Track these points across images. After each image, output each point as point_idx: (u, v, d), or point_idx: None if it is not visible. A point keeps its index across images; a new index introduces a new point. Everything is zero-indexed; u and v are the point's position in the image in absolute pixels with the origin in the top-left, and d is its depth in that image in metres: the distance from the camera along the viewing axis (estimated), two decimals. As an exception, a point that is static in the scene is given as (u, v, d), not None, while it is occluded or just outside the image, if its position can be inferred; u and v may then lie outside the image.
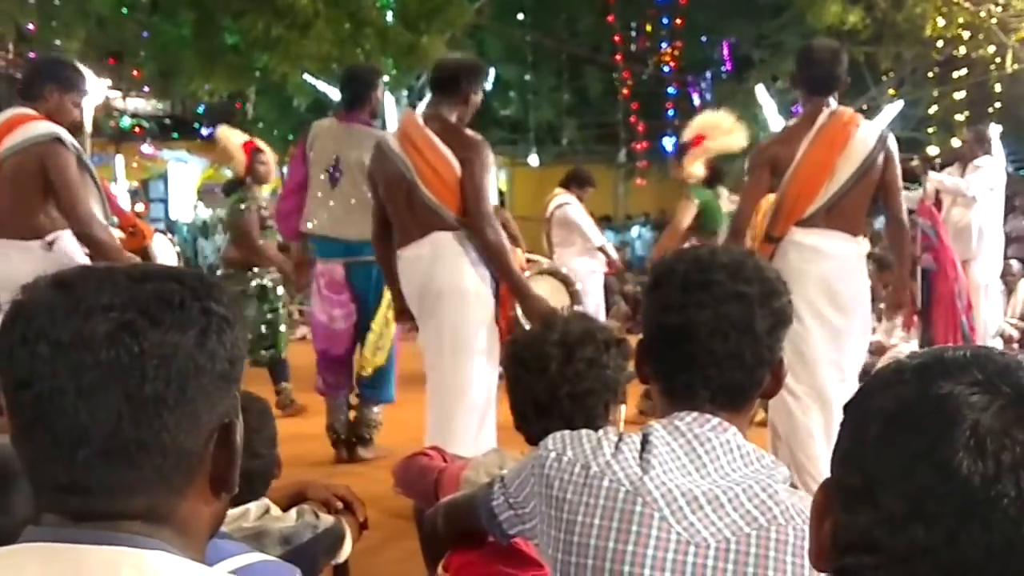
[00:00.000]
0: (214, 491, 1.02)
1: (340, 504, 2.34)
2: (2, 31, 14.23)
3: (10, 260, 3.80)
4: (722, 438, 1.51)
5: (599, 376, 2.11)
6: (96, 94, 11.94)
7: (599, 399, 2.11)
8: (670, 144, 14.85)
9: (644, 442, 1.51)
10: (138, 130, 18.86)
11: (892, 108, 14.62)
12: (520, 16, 16.75)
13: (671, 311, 1.57)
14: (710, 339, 1.54)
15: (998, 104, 13.02)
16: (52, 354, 0.93)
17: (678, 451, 1.50)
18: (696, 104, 16.22)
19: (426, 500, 2.27)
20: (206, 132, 19.34)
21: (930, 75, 14.53)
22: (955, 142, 12.52)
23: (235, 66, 13.06)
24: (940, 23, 12.26)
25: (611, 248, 8.25)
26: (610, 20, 16.57)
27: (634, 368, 1.70)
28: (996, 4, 11.98)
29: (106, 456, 0.94)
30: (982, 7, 11.97)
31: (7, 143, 3.94)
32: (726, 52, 17.31)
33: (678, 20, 16.69)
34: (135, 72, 14.73)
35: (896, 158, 4.12)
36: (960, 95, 13.86)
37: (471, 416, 3.97)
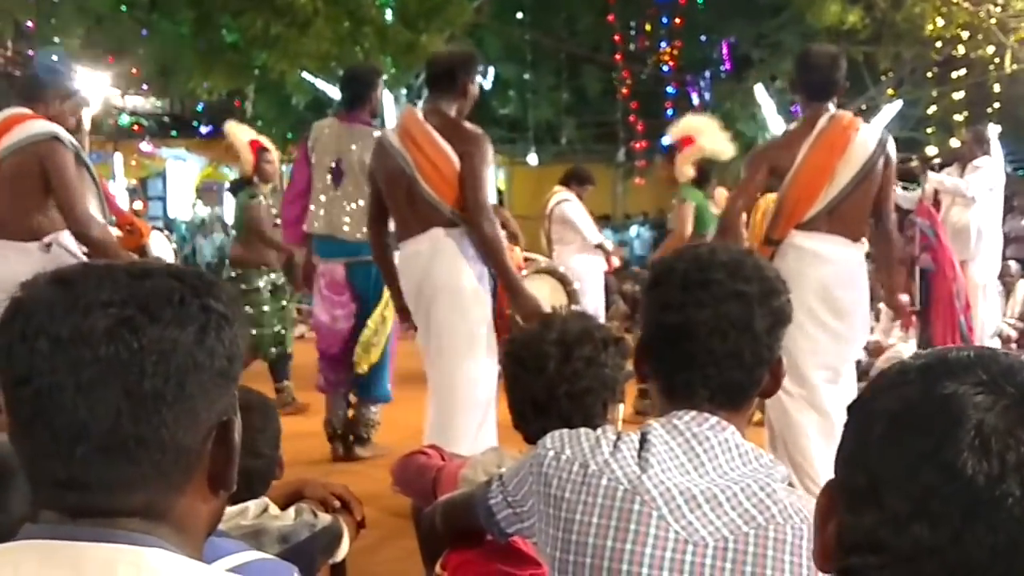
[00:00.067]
0: (212, 489, 1.02)
1: (337, 503, 2.34)
2: (1, 28, 14.22)
3: (8, 261, 3.79)
4: (720, 437, 1.51)
5: (597, 375, 2.10)
6: (96, 92, 11.93)
7: (597, 398, 2.11)
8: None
9: (642, 441, 1.51)
10: (137, 128, 18.85)
11: (891, 108, 14.63)
12: (519, 15, 16.75)
13: (670, 310, 1.57)
14: (709, 338, 1.54)
15: (997, 104, 13.04)
16: (51, 350, 0.93)
17: (676, 450, 1.50)
18: (695, 103, 16.23)
19: (424, 499, 2.26)
20: (205, 130, 19.36)
21: (929, 75, 14.55)
22: (954, 142, 12.55)
23: (234, 64, 13.05)
24: (939, 23, 12.28)
25: (609, 246, 8.25)
26: (609, 19, 16.58)
27: (633, 367, 1.70)
28: (995, 4, 11.99)
29: (105, 452, 0.94)
30: (981, 7, 11.98)
31: (5, 142, 3.92)
32: (725, 51, 17.32)
33: (677, 19, 16.71)
34: (134, 70, 14.71)
35: (894, 162, 4.12)
36: (959, 95, 13.87)
37: (470, 414, 3.96)
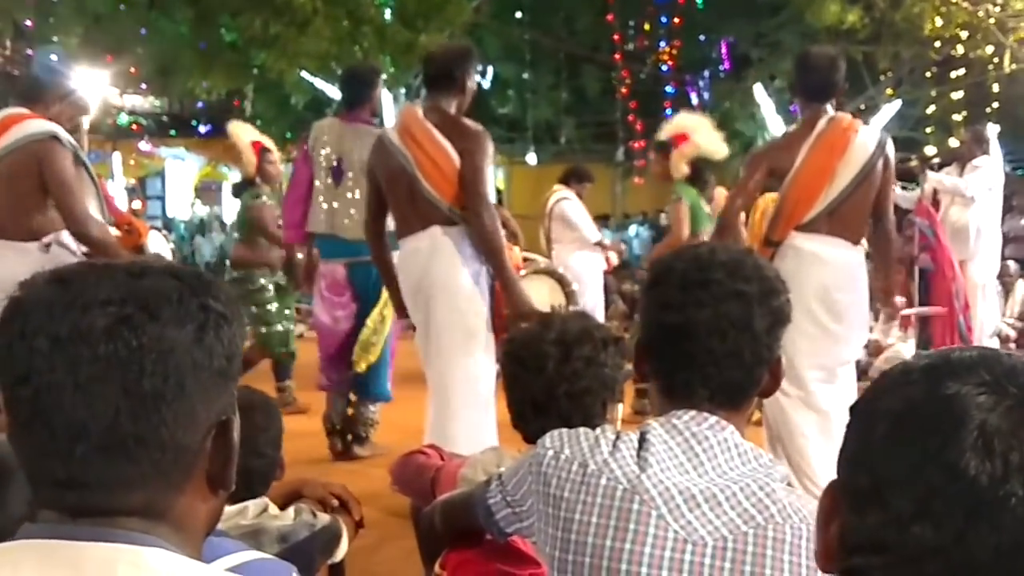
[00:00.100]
0: (211, 488, 1.02)
1: (336, 502, 2.34)
2: (0, 27, 14.22)
3: (7, 261, 3.78)
4: (720, 436, 1.51)
5: (597, 374, 2.10)
6: (95, 91, 11.91)
7: (597, 397, 2.11)
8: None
9: (642, 440, 1.51)
10: (136, 127, 18.86)
11: (890, 108, 14.64)
12: (518, 15, 16.76)
13: (670, 310, 1.57)
14: (709, 338, 1.54)
15: (996, 104, 13.05)
16: (50, 349, 0.93)
17: (676, 449, 1.50)
18: (694, 103, 16.24)
19: (423, 498, 2.26)
20: (204, 130, 19.36)
21: (928, 75, 14.56)
22: (953, 142, 12.56)
23: (233, 63, 13.06)
24: (938, 23, 12.29)
25: (608, 244, 8.28)
26: (608, 19, 16.59)
27: (632, 366, 1.70)
28: (994, 4, 12.00)
29: (104, 451, 0.94)
30: (980, 7, 11.99)
31: (4, 142, 3.92)
32: (724, 51, 17.34)
33: (676, 19, 16.72)
34: (132, 69, 14.70)
35: (893, 163, 4.12)
36: (958, 95, 13.88)
37: (468, 413, 3.95)
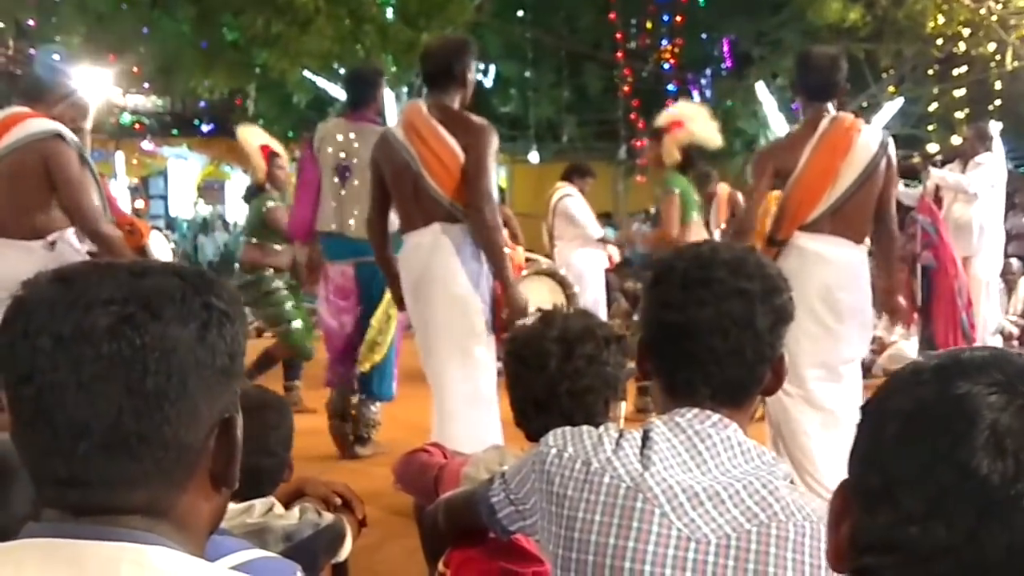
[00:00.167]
0: (214, 486, 1.02)
1: (339, 501, 2.34)
2: (2, 27, 14.22)
3: (8, 260, 3.78)
4: (723, 434, 1.51)
5: (599, 373, 2.10)
6: (97, 90, 11.91)
7: (599, 396, 2.11)
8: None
9: (645, 438, 1.51)
10: (138, 127, 18.85)
11: (892, 105, 14.62)
12: (520, 13, 16.73)
13: (672, 308, 1.57)
14: (711, 336, 1.54)
15: (998, 101, 13.04)
16: (53, 348, 0.93)
17: (679, 447, 1.50)
18: (696, 101, 16.20)
19: (426, 497, 2.26)
20: (206, 129, 19.37)
21: (930, 72, 14.54)
22: (955, 139, 12.55)
23: (235, 63, 13.05)
24: (940, 20, 12.27)
25: (611, 240, 8.31)
26: (610, 17, 16.55)
27: (635, 364, 1.70)
28: (996, 1, 11.98)
29: (107, 449, 0.94)
30: (982, 4, 11.98)
31: (6, 141, 3.92)
32: (726, 49, 17.30)
33: (678, 17, 16.68)
34: (135, 68, 14.70)
35: (895, 162, 4.12)
36: (960, 92, 13.88)
37: (468, 411, 3.95)
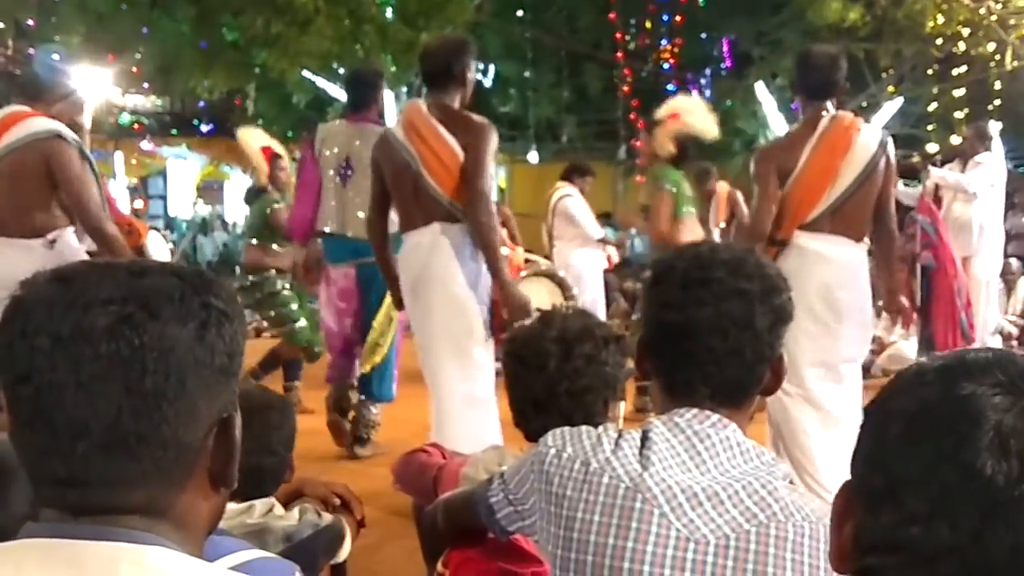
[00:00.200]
0: (213, 485, 1.02)
1: (337, 501, 2.33)
2: (1, 27, 14.21)
3: (8, 258, 3.78)
4: (722, 435, 1.51)
5: (598, 372, 2.10)
6: (97, 90, 11.91)
7: (598, 396, 2.11)
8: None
9: (644, 439, 1.51)
10: (137, 127, 18.85)
11: (892, 105, 14.62)
12: (520, 13, 16.74)
13: (671, 308, 1.57)
14: (710, 336, 1.54)
15: (998, 101, 13.04)
16: (52, 348, 0.93)
17: (678, 448, 1.50)
18: (696, 101, 16.19)
19: (425, 497, 2.26)
20: (206, 129, 19.36)
21: (930, 72, 14.55)
22: (955, 139, 12.55)
23: (235, 63, 13.05)
24: (940, 20, 12.28)
25: (611, 240, 8.31)
26: (610, 17, 16.55)
27: (635, 364, 1.70)
28: (996, 1, 11.99)
29: (105, 449, 0.94)
30: (982, 4, 11.99)
31: (6, 140, 3.92)
32: (726, 49, 17.31)
33: (678, 17, 16.68)
34: (134, 68, 14.70)
35: (894, 162, 4.12)
36: (960, 92, 13.88)
37: (465, 412, 3.94)
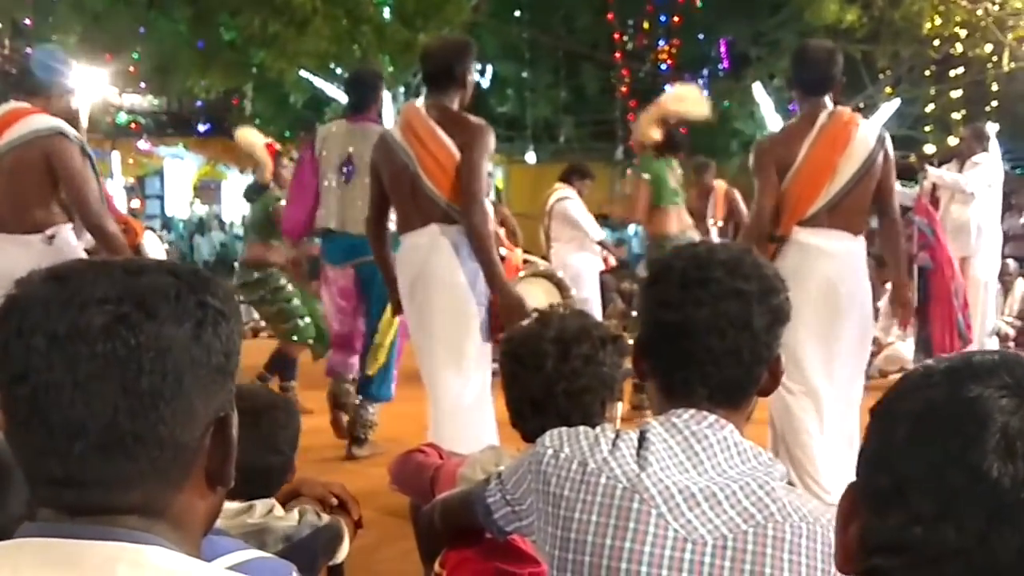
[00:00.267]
0: (210, 485, 1.02)
1: (335, 501, 2.33)
2: (-2, 27, 14.21)
3: (7, 254, 3.78)
4: (719, 435, 1.51)
5: (595, 373, 2.10)
6: (94, 90, 11.92)
7: (596, 396, 2.10)
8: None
9: (641, 439, 1.51)
10: (134, 126, 18.86)
11: (889, 106, 14.64)
12: (517, 13, 16.77)
13: (669, 308, 1.57)
14: (708, 336, 1.54)
15: (995, 102, 13.07)
16: (48, 347, 0.93)
17: (675, 448, 1.50)
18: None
19: (422, 497, 2.26)
20: (203, 128, 19.36)
21: (927, 73, 14.58)
22: (952, 140, 12.56)
23: (232, 63, 13.06)
24: (937, 21, 12.31)
25: (609, 244, 8.32)
26: (608, 18, 16.58)
27: (631, 364, 1.70)
28: (993, 2, 12.02)
29: (102, 449, 0.94)
30: (979, 5, 12.01)
31: (7, 137, 3.92)
32: (723, 50, 17.34)
33: (676, 18, 16.72)
34: (131, 68, 14.70)
35: (892, 157, 4.13)
36: (957, 93, 13.91)
37: (463, 412, 3.94)
